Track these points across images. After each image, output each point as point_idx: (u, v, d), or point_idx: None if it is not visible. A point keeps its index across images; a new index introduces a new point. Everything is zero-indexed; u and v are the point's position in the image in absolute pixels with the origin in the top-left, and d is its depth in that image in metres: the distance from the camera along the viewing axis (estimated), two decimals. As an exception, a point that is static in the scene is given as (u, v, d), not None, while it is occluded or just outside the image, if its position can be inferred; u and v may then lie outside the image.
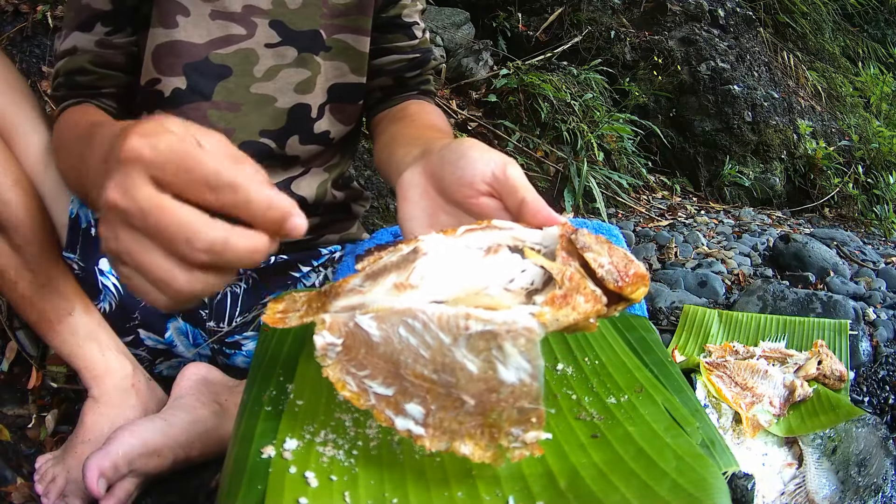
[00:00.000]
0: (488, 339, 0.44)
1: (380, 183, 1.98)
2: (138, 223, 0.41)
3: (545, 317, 0.45)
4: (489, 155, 0.59)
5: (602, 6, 3.50)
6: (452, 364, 0.44)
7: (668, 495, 0.44)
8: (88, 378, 0.96)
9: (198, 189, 0.41)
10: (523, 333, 0.43)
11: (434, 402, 0.45)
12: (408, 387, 0.46)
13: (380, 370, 0.47)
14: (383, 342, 0.46)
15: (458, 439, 0.45)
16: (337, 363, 0.47)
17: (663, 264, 2.07)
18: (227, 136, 0.97)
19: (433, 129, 0.88)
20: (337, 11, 0.93)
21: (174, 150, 0.41)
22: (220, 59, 0.89)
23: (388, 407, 0.46)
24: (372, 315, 0.46)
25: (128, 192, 0.41)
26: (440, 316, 0.44)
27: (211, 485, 0.91)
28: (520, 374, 0.44)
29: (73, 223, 0.95)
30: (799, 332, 1.33)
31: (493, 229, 0.54)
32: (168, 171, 0.41)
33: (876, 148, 3.70)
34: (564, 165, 2.53)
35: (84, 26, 0.86)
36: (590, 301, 0.46)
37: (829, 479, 0.94)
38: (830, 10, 4.68)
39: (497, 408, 0.44)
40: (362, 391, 0.47)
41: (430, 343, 0.45)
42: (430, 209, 0.63)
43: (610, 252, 0.49)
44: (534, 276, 0.50)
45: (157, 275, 0.42)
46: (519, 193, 0.56)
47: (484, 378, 0.44)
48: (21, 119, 0.91)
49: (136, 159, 0.40)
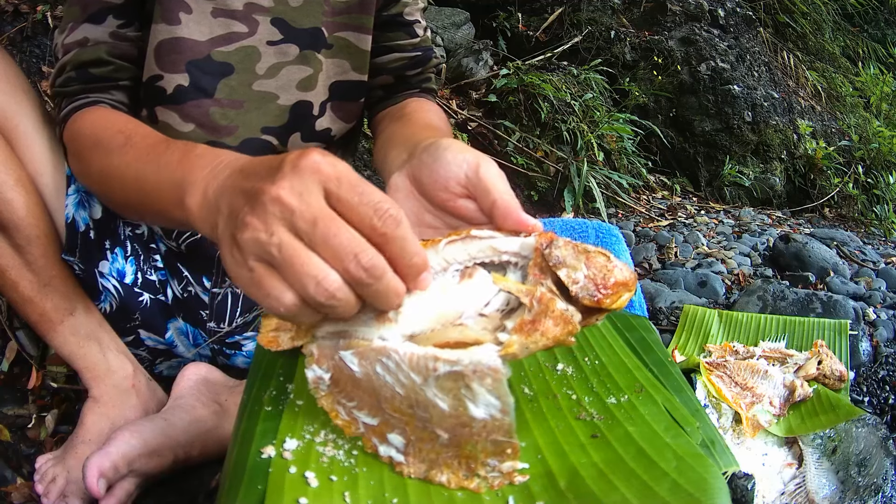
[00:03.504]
0: (456, 380, 0.44)
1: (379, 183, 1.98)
2: (305, 226, 0.42)
3: (513, 347, 0.45)
4: (463, 155, 0.57)
5: (602, 6, 3.50)
6: (425, 401, 0.46)
7: (668, 495, 0.44)
8: (89, 378, 0.96)
9: (365, 213, 0.43)
10: (489, 373, 0.44)
11: (413, 433, 0.47)
12: (389, 418, 0.48)
13: (365, 402, 0.49)
14: (364, 378, 0.48)
15: (436, 468, 0.47)
16: (329, 394, 0.50)
17: (663, 264, 2.07)
18: (230, 133, 0.97)
19: (429, 129, 0.87)
20: (338, 9, 0.93)
21: (349, 172, 0.44)
22: (223, 56, 0.89)
23: (374, 435, 0.48)
24: (353, 351, 0.48)
25: (303, 196, 0.43)
26: (411, 357, 0.45)
27: (211, 485, 0.91)
28: (490, 411, 0.45)
29: (70, 227, 0.94)
30: (799, 332, 1.33)
31: (472, 239, 0.53)
32: (343, 188, 0.43)
33: (876, 148, 3.70)
34: (564, 165, 2.53)
35: (95, 18, 0.84)
36: (559, 324, 0.46)
37: (829, 479, 0.94)
38: (830, 10, 4.68)
39: (471, 440, 0.46)
40: (352, 420, 0.49)
41: (404, 382, 0.46)
42: (417, 211, 0.62)
43: (588, 262, 0.47)
44: (508, 297, 0.50)
45: (311, 272, 0.42)
46: (491, 195, 0.55)
47: (455, 414, 0.45)
48: (22, 118, 0.90)
49: (316, 171, 0.43)
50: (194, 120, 0.89)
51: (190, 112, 0.89)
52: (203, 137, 0.90)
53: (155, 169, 0.63)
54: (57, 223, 0.94)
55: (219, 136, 0.91)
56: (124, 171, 0.69)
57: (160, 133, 0.73)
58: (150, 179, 0.64)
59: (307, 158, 0.44)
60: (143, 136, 0.71)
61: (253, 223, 0.43)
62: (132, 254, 1.00)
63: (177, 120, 0.89)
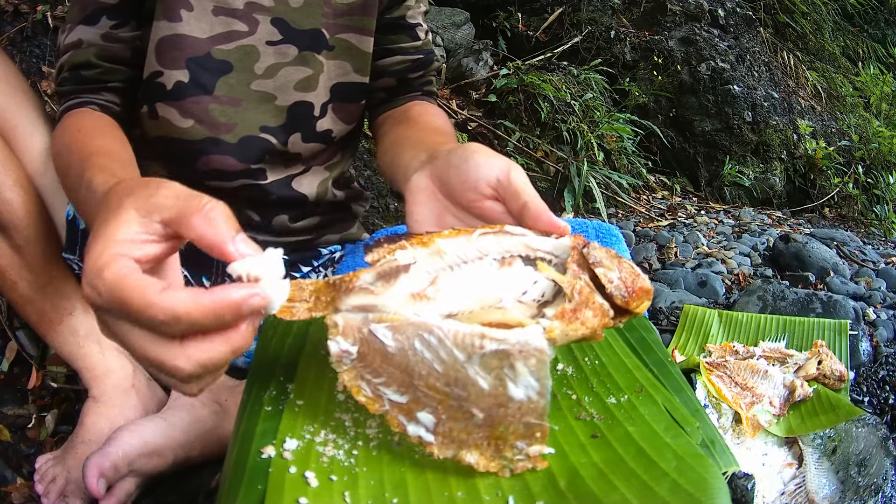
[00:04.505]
0: (501, 358, 0.45)
1: (380, 183, 1.98)
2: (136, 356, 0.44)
3: (555, 332, 0.47)
4: (494, 160, 0.61)
5: (602, 6, 3.50)
6: (465, 379, 0.46)
7: (668, 495, 0.44)
8: (88, 378, 0.96)
9: (148, 327, 0.42)
10: (534, 354, 0.45)
11: (445, 412, 0.47)
12: (420, 396, 0.47)
13: (394, 378, 0.48)
14: (398, 353, 0.47)
15: (465, 449, 0.47)
16: (352, 369, 0.49)
17: (663, 264, 2.07)
18: (229, 131, 0.98)
19: (438, 133, 0.89)
20: (340, 11, 0.94)
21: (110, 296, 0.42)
22: (222, 54, 0.89)
23: (402, 413, 0.48)
24: (387, 325, 0.47)
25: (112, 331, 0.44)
26: (455, 333, 0.46)
27: (211, 485, 0.91)
28: (528, 392, 0.46)
29: (70, 224, 0.94)
30: (799, 332, 1.33)
31: (505, 234, 0.55)
32: (120, 314, 0.43)
33: (876, 148, 3.70)
34: (564, 165, 2.53)
35: (90, 20, 0.85)
36: (598, 315, 0.49)
37: (829, 479, 0.94)
38: (830, 10, 4.68)
39: (504, 421, 0.46)
40: (377, 397, 0.48)
41: (445, 358, 0.46)
42: (438, 211, 0.65)
43: (619, 267, 0.51)
44: (544, 289, 0.52)
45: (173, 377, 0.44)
46: (521, 198, 0.58)
47: (494, 394, 0.46)
48: (22, 119, 0.91)
49: (95, 307, 0.43)
50: (193, 116, 0.90)
51: (189, 108, 0.89)
52: (202, 133, 0.91)
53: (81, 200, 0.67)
54: (57, 222, 0.94)
55: (217, 132, 0.91)
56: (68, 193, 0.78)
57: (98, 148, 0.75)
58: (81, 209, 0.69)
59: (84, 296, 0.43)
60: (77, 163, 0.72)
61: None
62: None
63: (176, 116, 0.90)
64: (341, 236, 1.12)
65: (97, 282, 0.42)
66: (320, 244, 1.10)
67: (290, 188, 0.99)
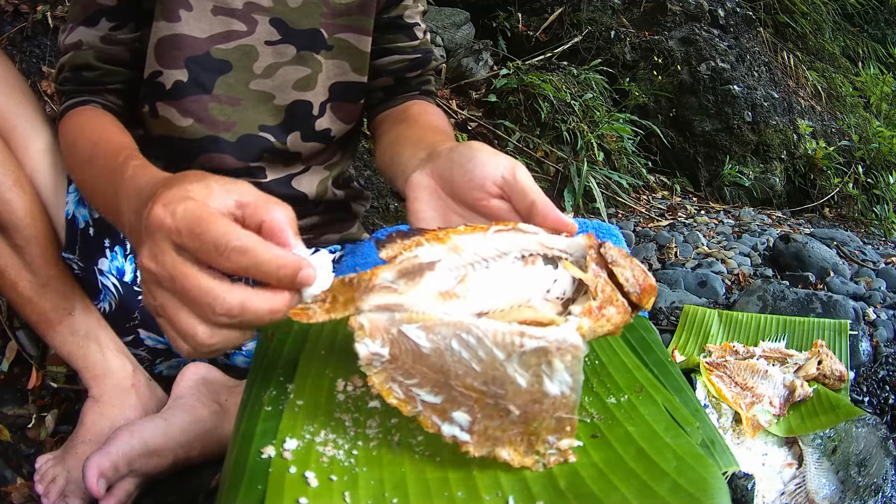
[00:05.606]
0: (540, 356, 0.46)
1: (380, 183, 1.98)
2: (168, 286, 0.46)
3: (584, 329, 0.48)
4: (498, 158, 0.62)
5: (602, 6, 3.50)
6: (503, 377, 0.46)
7: (668, 495, 0.44)
8: (88, 378, 0.96)
9: (208, 254, 0.44)
10: (570, 350, 0.46)
11: (481, 411, 0.47)
12: (456, 396, 0.47)
13: (428, 379, 0.47)
14: (433, 353, 0.47)
15: (500, 446, 0.48)
16: (383, 371, 0.48)
17: (663, 264, 2.07)
18: (229, 129, 1.00)
19: (436, 132, 0.89)
20: (338, 11, 0.94)
21: (189, 216, 0.44)
22: (221, 53, 0.90)
23: (435, 413, 0.48)
24: (419, 325, 0.47)
25: (156, 259, 0.46)
26: (495, 332, 0.46)
27: (211, 485, 0.91)
28: (562, 388, 0.47)
29: (70, 224, 0.95)
30: (799, 332, 1.33)
31: (519, 232, 0.55)
32: (185, 238, 0.44)
33: (876, 148, 3.70)
34: (564, 165, 2.53)
35: (89, 21, 0.86)
36: (620, 312, 0.50)
37: (829, 479, 0.94)
38: (830, 10, 4.68)
39: (539, 417, 0.47)
40: (409, 399, 0.48)
41: (483, 357, 0.46)
42: (441, 209, 0.65)
43: (631, 265, 0.53)
44: (565, 287, 0.53)
45: (183, 329, 0.46)
46: (529, 196, 0.59)
47: (531, 391, 0.47)
48: (21, 119, 0.91)
49: (159, 227, 0.45)
50: (193, 115, 0.90)
51: (189, 107, 0.90)
52: (202, 132, 0.91)
53: (112, 191, 0.67)
54: (56, 222, 0.94)
55: (217, 130, 0.92)
56: (91, 184, 0.75)
57: (126, 142, 0.77)
58: (109, 201, 0.68)
59: (151, 216, 0.46)
60: (105, 154, 0.74)
61: (143, 288, 0.49)
62: (132, 252, 1.00)
63: (176, 115, 0.90)
64: (341, 236, 1.12)
65: (177, 205, 0.45)
66: (320, 244, 1.10)
67: (289, 187, 0.99)
